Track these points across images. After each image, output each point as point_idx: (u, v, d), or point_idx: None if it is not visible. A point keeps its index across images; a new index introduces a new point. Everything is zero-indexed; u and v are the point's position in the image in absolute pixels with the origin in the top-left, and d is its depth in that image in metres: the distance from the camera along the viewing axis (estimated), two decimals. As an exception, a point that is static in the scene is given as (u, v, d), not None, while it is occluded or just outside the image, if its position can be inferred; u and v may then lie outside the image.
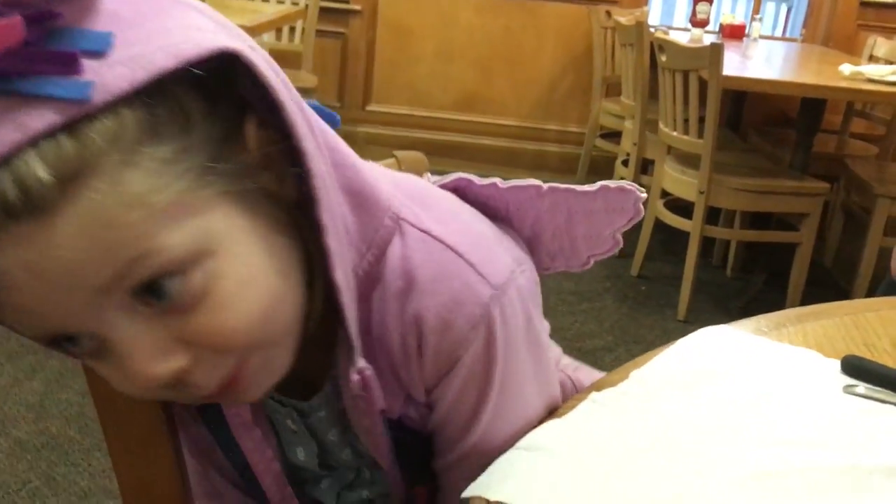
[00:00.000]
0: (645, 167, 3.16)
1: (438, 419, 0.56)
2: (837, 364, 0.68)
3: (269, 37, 3.56)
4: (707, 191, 2.54)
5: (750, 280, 3.02)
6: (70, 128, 0.37)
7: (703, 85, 2.47)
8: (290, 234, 0.47)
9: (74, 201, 0.37)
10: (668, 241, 3.12)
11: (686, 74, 2.52)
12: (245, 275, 0.44)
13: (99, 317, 0.41)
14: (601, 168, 3.76)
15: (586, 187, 0.57)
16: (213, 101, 0.42)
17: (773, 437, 0.58)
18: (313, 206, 0.45)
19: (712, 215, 2.98)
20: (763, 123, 3.68)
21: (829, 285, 2.95)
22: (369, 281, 0.51)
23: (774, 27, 6.59)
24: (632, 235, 3.16)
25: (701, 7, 3.65)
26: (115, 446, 0.68)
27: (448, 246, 0.51)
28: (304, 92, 2.43)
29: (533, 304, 0.56)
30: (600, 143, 3.72)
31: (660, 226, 2.85)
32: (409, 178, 0.58)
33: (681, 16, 7.02)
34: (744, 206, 2.72)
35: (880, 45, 3.36)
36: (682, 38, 3.53)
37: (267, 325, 0.45)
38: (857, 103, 3.27)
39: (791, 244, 2.67)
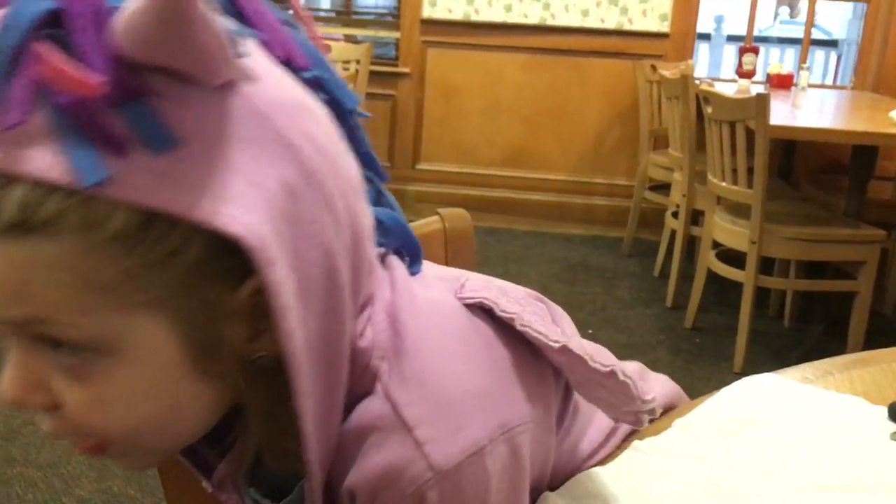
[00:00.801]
0: (695, 218, 3.14)
1: None
2: (884, 411, 0.68)
3: (321, 101, 3.67)
4: (759, 241, 2.51)
5: (808, 330, 2.96)
6: (65, 192, 0.38)
7: (750, 135, 2.47)
8: (224, 381, 0.46)
9: (18, 244, 0.39)
10: (721, 292, 3.08)
11: (733, 125, 2.53)
12: (130, 392, 0.44)
13: (4, 331, 0.42)
14: (651, 220, 3.75)
15: (598, 365, 0.51)
16: (221, 250, 0.41)
17: (816, 481, 0.58)
18: (293, 392, 0.44)
19: (766, 265, 2.95)
20: (815, 171, 3.64)
21: (890, 334, 2.87)
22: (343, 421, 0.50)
23: (825, 75, 6.55)
24: (685, 287, 3.14)
25: (747, 58, 3.66)
26: (175, 505, 0.71)
27: (400, 417, 0.47)
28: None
29: (512, 473, 0.50)
30: (649, 195, 3.72)
31: (713, 276, 2.82)
32: (418, 306, 0.51)
33: (728, 67, 7.03)
34: (797, 255, 2.68)
35: (933, 89, 3.33)
36: (728, 89, 3.55)
37: (128, 438, 0.45)
38: (911, 149, 3.22)
39: (849, 293, 2.62)
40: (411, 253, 0.56)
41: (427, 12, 3.97)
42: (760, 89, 3.54)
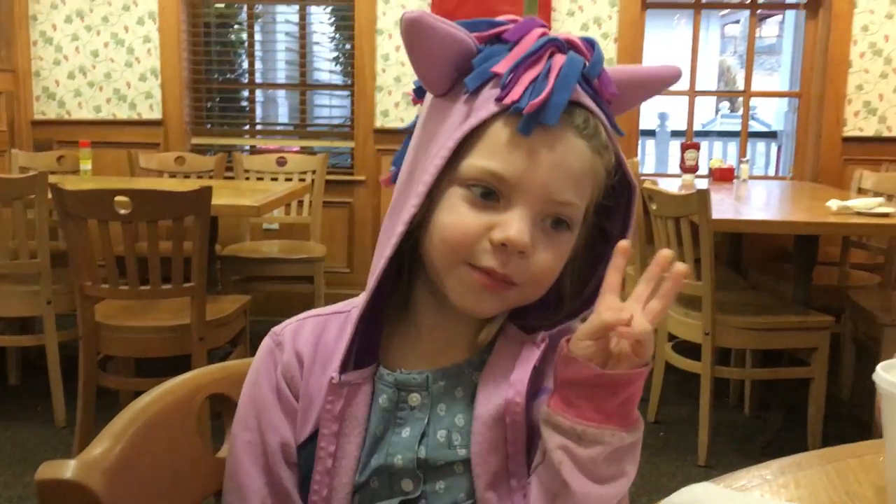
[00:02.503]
0: (651, 311, 3.19)
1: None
2: (816, 516, 0.69)
3: (278, 212, 3.72)
4: (712, 332, 2.56)
5: (769, 418, 2.97)
6: (607, 139, 0.71)
7: (695, 228, 2.55)
8: None
9: (594, 158, 0.70)
10: (681, 384, 3.10)
11: (677, 220, 2.61)
12: (563, 256, 0.71)
13: (536, 203, 0.68)
14: (609, 314, 3.79)
15: None
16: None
17: None
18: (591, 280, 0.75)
19: (724, 354, 2.98)
20: (763, 260, 3.74)
21: (848, 418, 2.90)
22: None
23: (767, 166, 6.80)
24: (646, 380, 3.12)
25: (689, 154, 3.81)
26: None
27: None
28: (314, 261, 2.60)
29: None
30: (606, 289, 3.76)
31: (672, 368, 2.85)
32: None
33: (675, 161, 7.26)
34: (750, 344, 2.72)
35: (867, 177, 3.47)
36: (674, 184, 3.67)
37: (539, 285, 0.71)
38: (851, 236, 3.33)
39: (805, 379, 2.65)
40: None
41: (380, 122, 4.09)
42: (704, 183, 3.67)
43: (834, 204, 2.72)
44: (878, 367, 0.72)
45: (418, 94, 0.78)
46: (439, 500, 0.72)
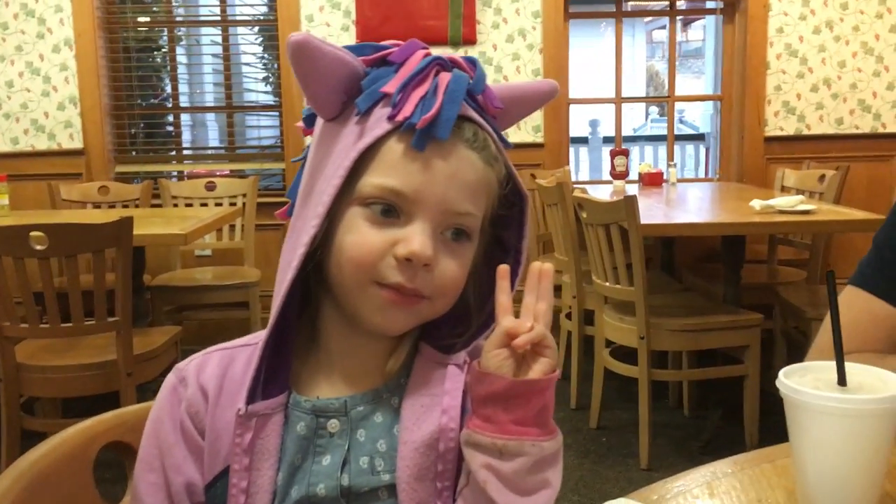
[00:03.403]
0: (589, 318, 3.21)
1: None
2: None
3: (210, 237, 3.64)
4: (647, 336, 2.58)
5: (707, 417, 3.02)
6: (498, 150, 0.73)
7: (625, 234, 2.57)
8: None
9: (486, 169, 0.71)
10: (622, 388, 3.13)
11: (608, 227, 2.63)
12: (466, 265, 0.73)
13: (436, 216, 0.69)
14: (549, 322, 3.80)
15: None
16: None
17: None
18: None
19: (661, 357, 3.02)
20: (694, 261, 3.81)
21: (783, 412, 2.95)
22: None
23: (697, 167, 6.96)
24: (587, 387, 3.17)
25: (618, 160, 3.86)
26: None
27: None
28: (248, 286, 2.55)
29: None
30: (544, 298, 3.78)
31: (611, 374, 2.87)
32: None
33: (608, 169, 7.37)
34: (684, 346, 2.76)
35: (788, 175, 3.57)
36: (606, 190, 3.72)
37: (447, 296, 0.72)
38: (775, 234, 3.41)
39: (740, 376, 2.70)
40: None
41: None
42: (635, 188, 3.72)
43: (757, 204, 2.78)
44: (780, 374, 0.72)
45: (308, 124, 0.78)
46: None
